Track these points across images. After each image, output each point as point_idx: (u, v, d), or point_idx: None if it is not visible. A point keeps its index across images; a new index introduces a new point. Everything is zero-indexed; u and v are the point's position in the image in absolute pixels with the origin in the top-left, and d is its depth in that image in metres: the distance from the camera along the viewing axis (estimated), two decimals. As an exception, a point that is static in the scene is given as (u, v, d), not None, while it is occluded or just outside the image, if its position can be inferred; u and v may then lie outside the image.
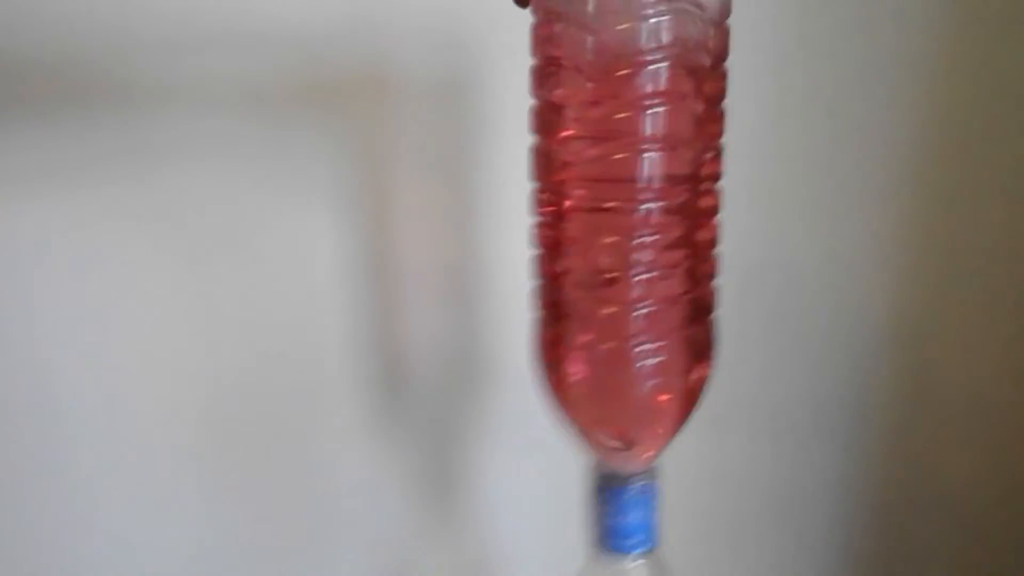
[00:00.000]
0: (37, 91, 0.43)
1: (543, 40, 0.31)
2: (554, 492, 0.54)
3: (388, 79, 0.46)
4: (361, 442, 0.52)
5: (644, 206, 0.30)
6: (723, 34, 0.31)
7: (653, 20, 0.28)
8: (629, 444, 0.34)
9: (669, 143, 0.30)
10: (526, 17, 0.31)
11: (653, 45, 0.28)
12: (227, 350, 0.49)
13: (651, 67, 0.29)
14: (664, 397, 0.33)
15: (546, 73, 0.31)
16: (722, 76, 0.31)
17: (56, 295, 0.45)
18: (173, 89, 0.44)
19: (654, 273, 0.31)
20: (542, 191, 0.33)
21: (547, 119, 0.32)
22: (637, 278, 0.31)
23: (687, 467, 0.53)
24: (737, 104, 0.32)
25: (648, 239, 0.30)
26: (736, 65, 0.32)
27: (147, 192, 0.45)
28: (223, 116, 0.45)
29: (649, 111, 0.29)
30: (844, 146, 0.50)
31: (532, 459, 0.54)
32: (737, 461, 0.57)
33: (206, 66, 0.44)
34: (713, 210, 0.33)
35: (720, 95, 0.32)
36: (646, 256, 0.31)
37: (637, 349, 0.32)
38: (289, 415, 0.51)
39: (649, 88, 0.29)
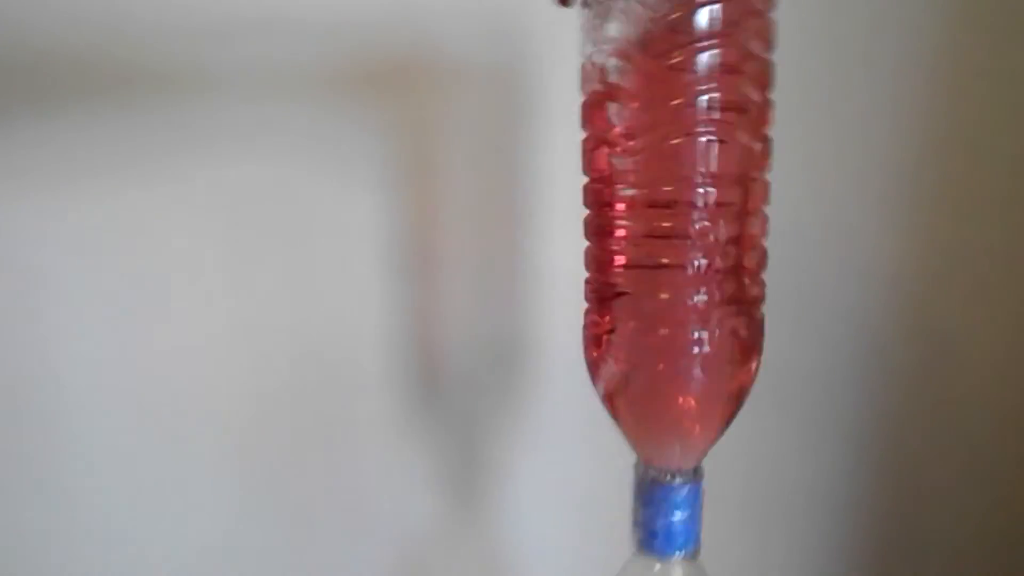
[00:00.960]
0: (72, 87, 0.43)
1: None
2: (586, 492, 0.54)
3: (435, 67, 0.46)
4: (393, 437, 0.52)
5: (700, 192, 0.30)
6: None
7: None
8: (677, 441, 0.34)
9: (720, 130, 0.30)
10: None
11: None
12: (266, 346, 0.48)
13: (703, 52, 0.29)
14: (713, 392, 0.33)
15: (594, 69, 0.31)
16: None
17: (96, 291, 0.45)
18: (217, 79, 0.44)
19: (707, 262, 0.30)
20: (595, 182, 0.33)
21: (594, 111, 0.32)
22: (691, 269, 0.30)
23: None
24: None
25: (700, 226, 0.30)
26: None
27: (189, 186, 0.45)
28: (267, 106, 0.45)
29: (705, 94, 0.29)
30: (847, 135, 0.50)
31: (565, 459, 0.53)
32: (740, 453, 0.55)
33: (249, 54, 0.44)
34: (763, 202, 0.33)
35: (766, 82, 0.31)
36: (700, 248, 0.30)
37: (688, 340, 0.31)
38: (322, 410, 0.50)
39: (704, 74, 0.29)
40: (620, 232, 0.32)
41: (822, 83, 0.49)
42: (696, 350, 0.31)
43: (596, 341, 0.34)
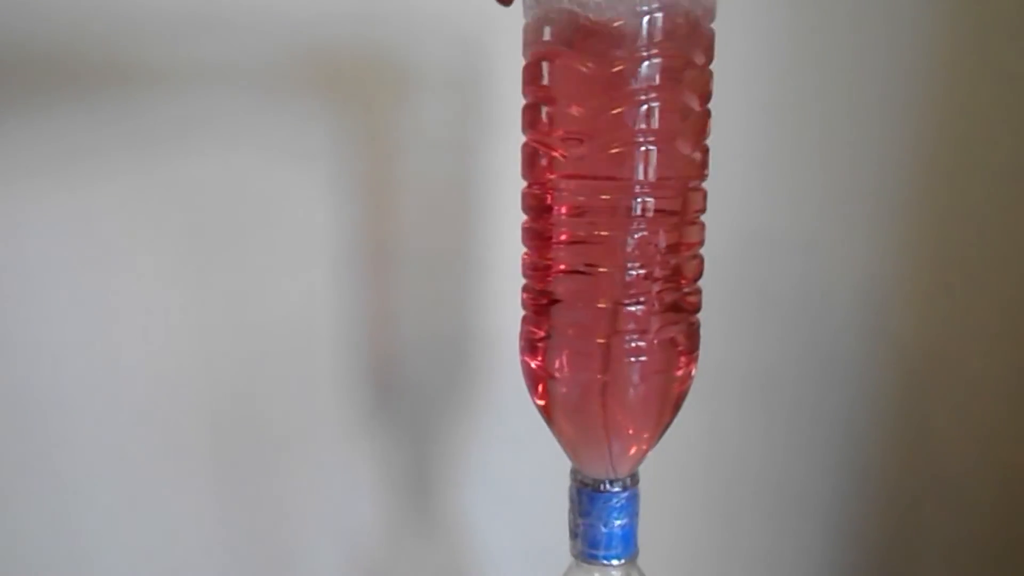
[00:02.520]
0: (28, 81, 0.41)
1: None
2: (538, 493, 0.53)
3: (394, 69, 0.45)
4: (345, 436, 0.51)
5: (639, 201, 0.29)
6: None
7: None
8: (612, 449, 0.33)
9: (661, 138, 0.30)
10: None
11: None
12: (217, 344, 0.47)
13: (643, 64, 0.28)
14: (650, 401, 0.33)
15: (535, 71, 0.31)
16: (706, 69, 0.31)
17: (55, 288, 0.44)
18: (177, 75, 0.42)
19: (642, 271, 0.30)
20: (533, 187, 0.32)
21: (534, 116, 0.31)
22: (629, 277, 0.30)
23: (681, 451, 0.54)
24: (735, 101, 0.31)
25: (639, 235, 0.30)
26: (735, 65, 0.32)
27: (147, 181, 0.43)
28: (224, 102, 0.43)
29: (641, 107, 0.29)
30: (841, 136, 0.51)
31: (519, 457, 0.53)
32: (730, 445, 0.57)
33: (209, 51, 0.42)
34: (701, 211, 0.33)
35: (706, 92, 0.32)
36: (638, 256, 0.30)
37: (625, 348, 0.31)
38: (275, 410, 0.49)
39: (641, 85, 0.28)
40: (558, 239, 0.32)
41: (818, 82, 0.50)
42: (633, 359, 0.31)
43: (532, 348, 0.33)
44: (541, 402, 0.34)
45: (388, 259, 0.49)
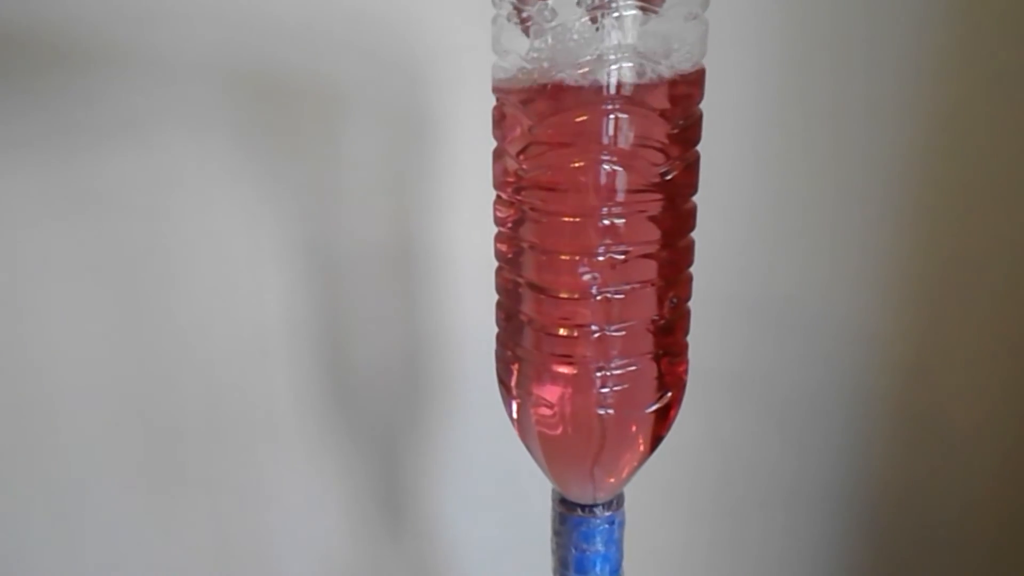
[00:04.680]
0: None
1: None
2: (506, 495, 0.53)
3: (339, 88, 0.43)
4: (307, 446, 0.51)
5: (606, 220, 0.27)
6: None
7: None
8: (592, 475, 0.32)
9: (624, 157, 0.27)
10: (476, 42, 0.29)
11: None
12: (171, 356, 0.47)
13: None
14: (628, 426, 0.31)
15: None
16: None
17: None
18: (109, 68, 0.41)
19: (622, 294, 0.28)
20: (502, 203, 0.31)
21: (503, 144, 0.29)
22: (601, 296, 0.28)
23: (689, 455, 0.53)
24: (727, 106, 0.29)
25: (612, 255, 0.28)
26: (727, 66, 0.28)
27: (72, 178, 0.42)
28: (167, 97, 0.42)
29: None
30: (846, 152, 0.49)
31: (485, 461, 0.52)
32: (737, 454, 0.55)
33: (143, 45, 0.41)
34: (685, 228, 0.30)
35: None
36: (613, 275, 0.28)
37: (600, 375, 0.29)
38: (233, 424, 0.49)
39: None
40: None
41: (822, 92, 0.48)
42: (606, 389, 0.30)
43: (507, 369, 0.32)
44: (515, 425, 0.33)
45: (336, 264, 0.47)
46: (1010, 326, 0.52)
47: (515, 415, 0.32)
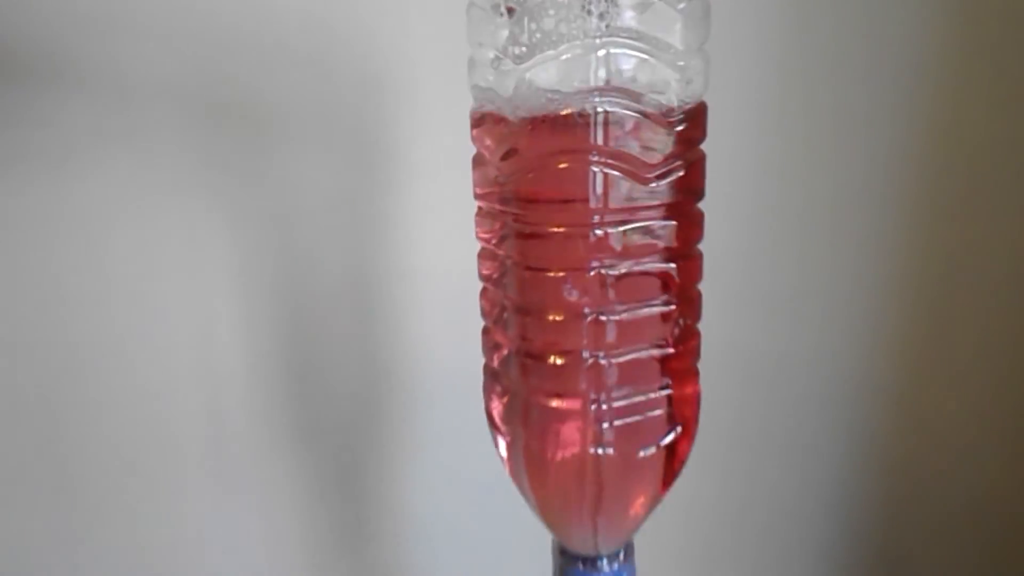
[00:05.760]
0: None
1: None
2: (475, 508, 0.50)
3: (290, 106, 0.41)
4: (260, 489, 0.47)
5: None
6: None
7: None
8: (594, 523, 0.28)
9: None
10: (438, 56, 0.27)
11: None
12: (105, 386, 0.44)
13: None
14: (631, 467, 0.27)
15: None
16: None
17: None
18: (53, 88, 0.39)
19: (618, 316, 0.25)
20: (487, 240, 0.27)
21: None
22: (593, 317, 0.25)
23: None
24: (727, 104, 0.26)
25: (605, 271, 0.24)
26: (728, 67, 0.26)
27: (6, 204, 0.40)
28: (111, 118, 0.40)
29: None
30: (846, 152, 0.48)
31: (450, 473, 0.49)
32: (721, 446, 0.53)
33: (91, 67, 0.39)
34: (690, 239, 0.26)
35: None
36: (606, 294, 0.25)
37: (596, 409, 0.26)
38: (179, 461, 0.46)
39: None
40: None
41: (822, 99, 0.47)
42: (604, 425, 0.26)
43: (494, 402, 0.28)
44: (508, 468, 0.29)
45: (290, 288, 0.44)
46: (1012, 319, 0.51)
47: (504, 454, 0.28)
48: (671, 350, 0.26)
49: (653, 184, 0.24)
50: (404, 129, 0.42)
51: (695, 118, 0.25)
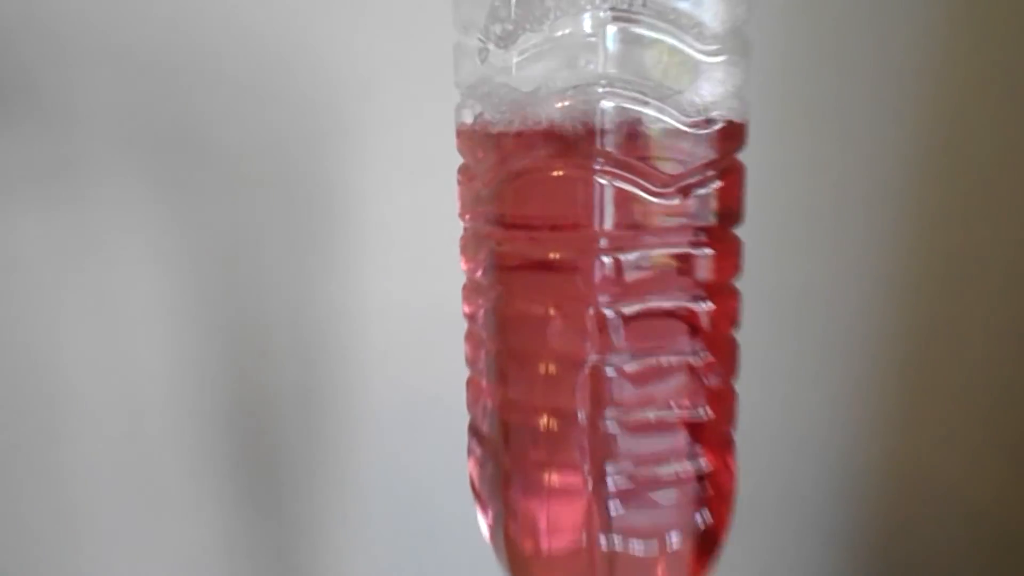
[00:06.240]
0: None
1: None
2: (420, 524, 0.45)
3: (240, 143, 0.38)
4: (206, 494, 0.43)
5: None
6: None
7: None
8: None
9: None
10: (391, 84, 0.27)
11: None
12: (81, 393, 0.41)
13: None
14: (648, 564, 0.21)
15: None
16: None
17: None
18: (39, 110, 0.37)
19: (629, 369, 0.19)
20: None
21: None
22: (593, 369, 0.19)
23: None
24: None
25: (611, 310, 0.19)
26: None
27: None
28: (56, 151, 0.38)
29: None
30: (847, 152, 0.46)
31: (389, 499, 0.44)
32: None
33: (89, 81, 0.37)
34: (725, 273, 0.21)
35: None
36: (612, 341, 0.19)
37: (598, 488, 0.20)
38: (109, 503, 0.42)
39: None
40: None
41: (827, 98, 0.46)
42: (612, 511, 0.20)
43: (477, 470, 0.23)
44: (489, 531, 0.23)
45: (236, 331, 0.42)
46: (1018, 321, 0.49)
47: (485, 532, 0.23)
48: (699, 413, 0.21)
49: (673, 201, 0.19)
50: (354, 162, 0.40)
51: (729, 119, 0.20)
